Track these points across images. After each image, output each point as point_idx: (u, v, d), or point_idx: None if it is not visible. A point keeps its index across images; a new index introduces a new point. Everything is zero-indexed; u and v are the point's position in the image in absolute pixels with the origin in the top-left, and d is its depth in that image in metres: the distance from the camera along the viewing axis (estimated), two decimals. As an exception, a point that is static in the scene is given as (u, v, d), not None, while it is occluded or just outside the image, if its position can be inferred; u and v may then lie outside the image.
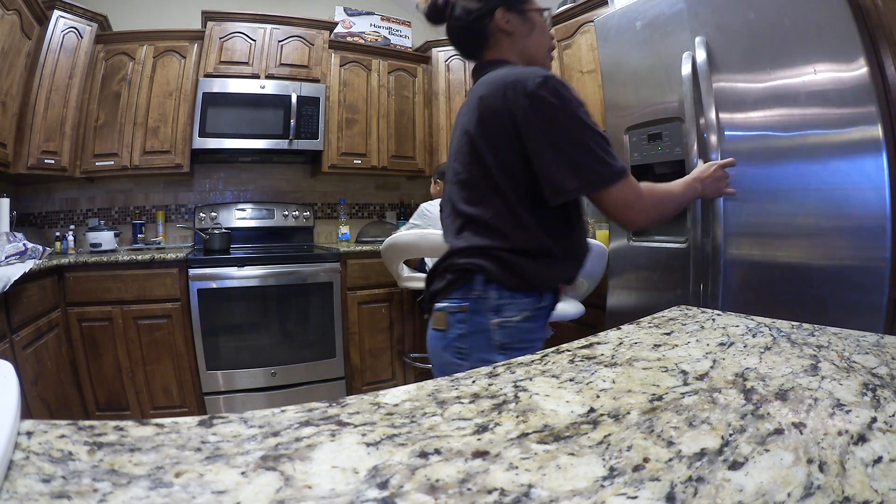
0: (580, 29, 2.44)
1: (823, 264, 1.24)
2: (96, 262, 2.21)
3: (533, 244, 0.88)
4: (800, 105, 1.25)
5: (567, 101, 0.84)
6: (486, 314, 0.89)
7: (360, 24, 3.37)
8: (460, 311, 0.91)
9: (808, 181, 1.26)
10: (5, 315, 1.61)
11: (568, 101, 0.84)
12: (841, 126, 1.19)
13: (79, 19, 2.45)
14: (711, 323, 0.62)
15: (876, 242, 1.14)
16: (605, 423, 0.34)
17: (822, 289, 1.24)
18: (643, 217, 0.92)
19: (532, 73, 0.86)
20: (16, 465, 0.27)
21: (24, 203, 2.66)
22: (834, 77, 1.19)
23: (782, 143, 1.30)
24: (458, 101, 3.16)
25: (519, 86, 0.86)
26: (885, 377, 0.42)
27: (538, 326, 0.93)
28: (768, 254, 1.35)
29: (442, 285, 0.95)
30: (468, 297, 0.90)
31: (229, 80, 2.69)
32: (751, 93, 1.36)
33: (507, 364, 0.48)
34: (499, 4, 0.97)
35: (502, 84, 0.88)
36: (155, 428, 0.32)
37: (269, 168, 3.19)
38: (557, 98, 0.84)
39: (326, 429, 0.33)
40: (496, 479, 0.27)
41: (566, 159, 0.83)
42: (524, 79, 0.86)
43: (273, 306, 2.49)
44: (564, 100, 0.84)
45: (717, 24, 1.42)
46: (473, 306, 0.90)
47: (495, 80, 0.90)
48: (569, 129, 0.84)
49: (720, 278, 1.42)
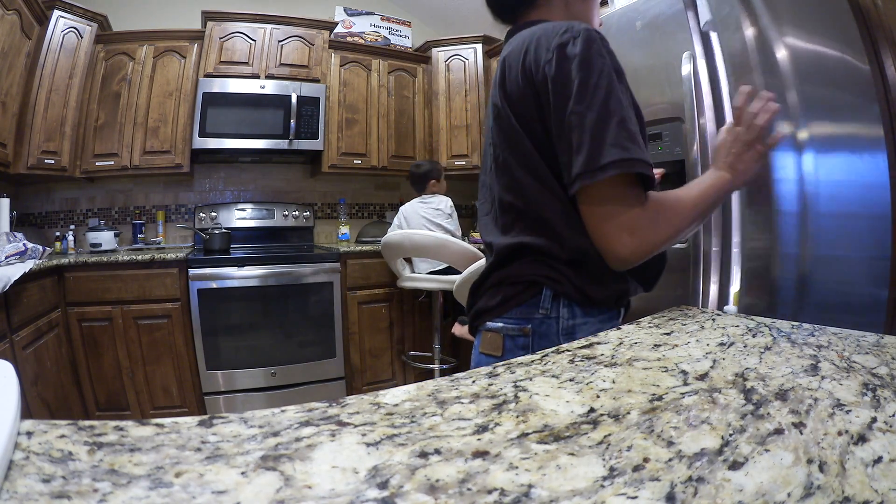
0: (580, 29, 2.44)
1: (823, 264, 1.24)
2: (96, 262, 2.21)
3: (581, 247, 0.69)
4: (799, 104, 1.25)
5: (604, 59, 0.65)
6: (554, 338, 0.71)
7: (360, 24, 3.37)
8: (522, 334, 0.73)
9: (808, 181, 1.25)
10: (5, 315, 1.61)
11: (604, 59, 0.65)
12: (841, 125, 1.19)
13: (79, 19, 2.45)
14: (711, 323, 0.62)
15: (876, 242, 1.14)
16: (605, 423, 0.34)
17: (823, 288, 1.24)
18: (659, 223, 0.67)
19: (569, 25, 0.68)
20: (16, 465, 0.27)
21: (24, 203, 2.66)
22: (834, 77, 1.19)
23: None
24: (459, 101, 3.16)
25: (550, 36, 0.68)
26: (885, 377, 0.42)
27: None
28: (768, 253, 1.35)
29: (495, 302, 0.76)
30: (532, 317, 0.72)
31: (229, 80, 2.69)
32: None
33: (507, 364, 0.48)
34: None
35: (531, 37, 0.71)
36: (155, 428, 0.32)
37: (269, 168, 3.19)
38: (591, 55, 0.64)
39: (326, 429, 0.33)
40: (496, 479, 0.27)
41: (583, 131, 0.63)
42: (559, 29, 0.68)
43: (273, 306, 2.49)
44: (601, 57, 0.65)
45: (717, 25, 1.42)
46: (539, 328, 0.72)
47: (523, 35, 0.74)
48: (595, 92, 0.63)
49: (720, 278, 1.42)
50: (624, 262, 0.66)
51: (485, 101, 3.13)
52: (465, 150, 3.14)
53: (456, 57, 3.18)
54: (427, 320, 2.79)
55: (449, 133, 3.18)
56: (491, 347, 0.75)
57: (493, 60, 3.11)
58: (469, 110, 3.14)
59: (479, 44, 3.14)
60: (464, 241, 2.27)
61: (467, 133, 3.14)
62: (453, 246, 2.13)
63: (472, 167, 3.12)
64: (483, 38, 3.13)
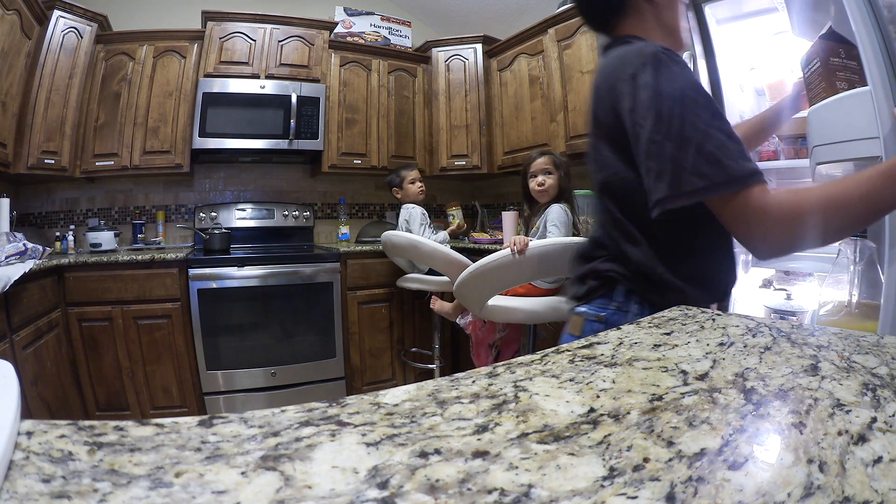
0: (580, 29, 2.44)
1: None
2: (96, 262, 2.21)
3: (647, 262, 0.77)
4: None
5: (675, 82, 0.69)
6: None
7: (360, 24, 3.37)
8: (598, 320, 0.82)
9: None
10: (5, 315, 1.61)
11: (676, 82, 0.69)
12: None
13: (79, 19, 2.45)
14: (711, 323, 0.62)
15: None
16: (605, 423, 0.34)
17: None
18: (770, 240, 0.66)
19: (638, 51, 0.73)
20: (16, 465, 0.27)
21: (24, 203, 2.66)
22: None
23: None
24: (458, 101, 3.16)
25: (626, 67, 0.73)
26: (885, 377, 0.42)
27: None
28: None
29: (584, 290, 0.86)
30: (607, 307, 0.82)
31: (229, 80, 2.69)
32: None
33: (507, 364, 0.48)
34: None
35: (613, 67, 0.77)
36: (155, 428, 0.32)
37: (269, 168, 3.19)
38: (661, 79, 0.69)
39: (326, 429, 0.33)
40: (496, 479, 0.27)
41: (663, 159, 0.67)
42: (630, 57, 0.73)
43: (273, 306, 2.49)
44: (672, 81, 0.69)
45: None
46: (612, 318, 0.80)
47: (610, 60, 0.80)
48: (670, 120, 0.67)
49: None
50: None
51: (485, 100, 3.13)
52: (465, 150, 3.14)
53: (456, 57, 3.18)
54: (427, 320, 2.79)
55: (449, 133, 3.18)
56: (574, 328, 0.86)
57: (493, 60, 3.11)
58: (469, 110, 3.14)
59: (479, 44, 3.14)
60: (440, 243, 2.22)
61: (467, 133, 3.14)
62: (423, 248, 2.11)
63: (472, 167, 3.12)
64: (483, 38, 3.13)
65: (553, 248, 1.54)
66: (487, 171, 3.11)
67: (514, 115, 2.95)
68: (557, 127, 2.61)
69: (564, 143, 2.54)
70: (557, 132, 2.61)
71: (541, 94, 2.73)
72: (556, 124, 2.62)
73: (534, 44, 2.77)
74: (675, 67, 0.70)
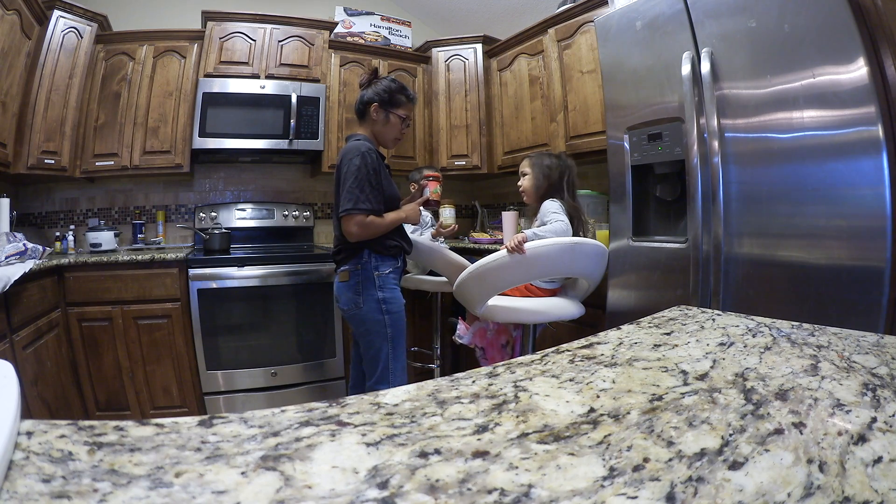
0: (580, 29, 2.44)
1: (823, 264, 1.24)
2: (96, 262, 2.21)
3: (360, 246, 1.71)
4: (799, 107, 1.25)
5: (360, 164, 1.59)
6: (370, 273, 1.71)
7: (360, 24, 3.37)
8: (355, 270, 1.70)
9: (808, 181, 1.26)
10: (5, 315, 1.61)
11: (360, 164, 1.59)
12: (841, 126, 1.19)
13: (79, 19, 2.45)
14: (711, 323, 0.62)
15: (876, 242, 1.14)
16: (605, 423, 0.34)
17: (823, 289, 1.24)
18: (353, 237, 1.62)
19: (355, 148, 1.63)
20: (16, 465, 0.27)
21: (24, 203, 2.66)
22: (833, 78, 1.19)
23: (783, 145, 1.30)
24: (458, 101, 3.16)
25: (349, 152, 1.63)
26: (885, 377, 0.42)
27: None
28: (768, 253, 1.35)
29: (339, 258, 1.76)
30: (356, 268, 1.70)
31: (229, 80, 2.69)
32: (753, 96, 1.36)
33: (507, 364, 0.48)
34: (375, 101, 1.72)
35: (345, 150, 1.67)
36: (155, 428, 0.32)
37: (269, 168, 3.19)
38: (358, 161, 1.60)
39: (326, 429, 0.33)
40: (496, 479, 0.27)
41: (346, 193, 1.59)
42: (351, 148, 1.64)
43: (273, 306, 2.49)
44: (360, 162, 1.59)
45: (720, 32, 1.42)
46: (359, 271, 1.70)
47: (345, 147, 1.70)
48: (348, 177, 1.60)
49: (720, 278, 1.42)
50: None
51: (485, 100, 3.13)
52: (465, 150, 3.14)
53: (456, 57, 3.18)
54: (427, 320, 2.79)
55: (449, 133, 3.18)
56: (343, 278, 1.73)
57: (493, 60, 3.11)
58: (469, 110, 3.14)
59: (478, 44, 3.14)
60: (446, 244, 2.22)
61: (467, 133, 3.14)
62: (421, 248, 2.09)
63: (471, 167, 3.12)
64: (483, 38, 3.13)
65: (552, 248, 1.54)
66: (487, 171, 3.11)
67: (514, 115, 2.95)
68: (557, 127, 2.61)
69: (564, 142, 2.54)
70: (557, 132, 2.61)
71: (541, 94, 2.73)
72: (556, 124, 2.62)
73: (534, 44, 2.77)
74: (368, 156, 1.60)
